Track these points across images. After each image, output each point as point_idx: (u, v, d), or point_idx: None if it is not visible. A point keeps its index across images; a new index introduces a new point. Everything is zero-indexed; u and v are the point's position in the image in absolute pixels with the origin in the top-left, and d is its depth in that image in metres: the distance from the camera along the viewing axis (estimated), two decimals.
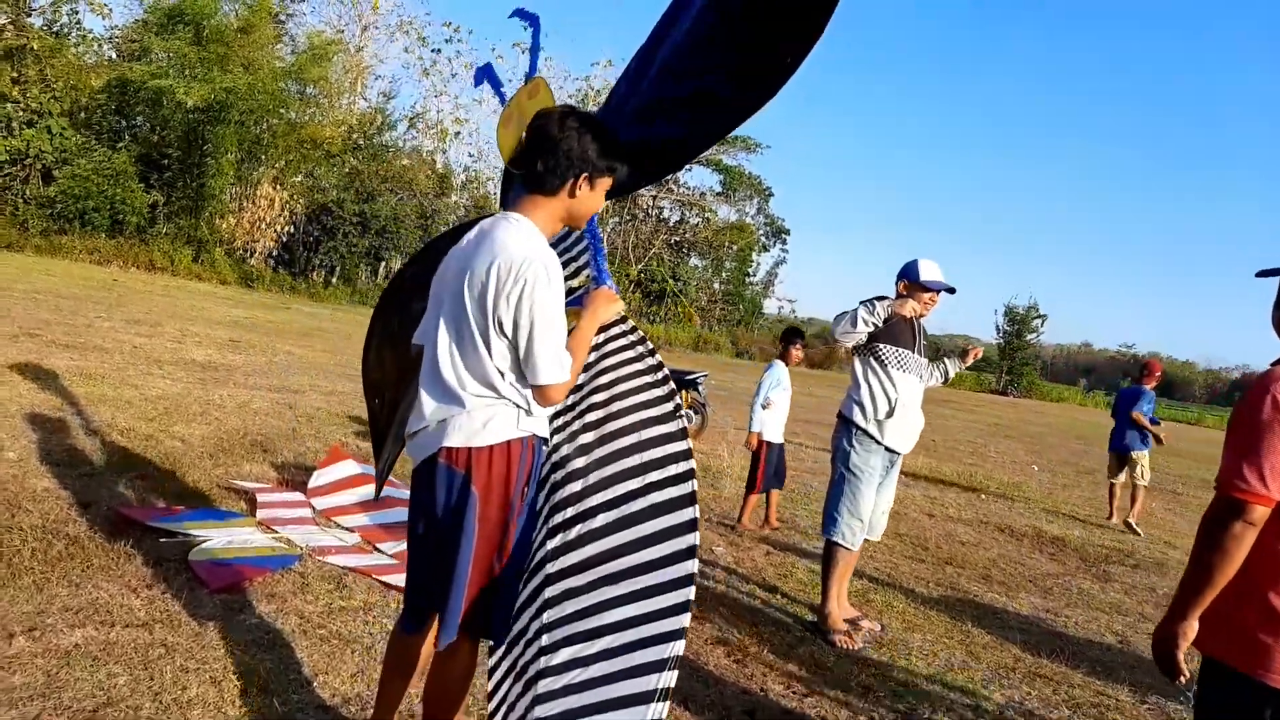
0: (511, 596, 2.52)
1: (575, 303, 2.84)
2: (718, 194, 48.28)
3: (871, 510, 4.60)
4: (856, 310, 4.51)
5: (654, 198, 47.20)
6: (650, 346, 2.76)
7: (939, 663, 4.30)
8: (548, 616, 2.51)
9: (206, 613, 3.47)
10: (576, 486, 2.59)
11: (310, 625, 3.52)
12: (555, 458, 2.66)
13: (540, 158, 2.40)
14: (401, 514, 4.95)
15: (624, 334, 2.78)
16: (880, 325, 4.50)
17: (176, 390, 8.51)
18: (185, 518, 4.47)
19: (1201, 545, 2.14)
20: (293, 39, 39.24)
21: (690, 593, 2.39)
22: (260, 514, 4.72)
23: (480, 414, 2.34)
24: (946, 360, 5.17)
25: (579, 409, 2.68)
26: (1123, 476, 9.88)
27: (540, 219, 2.43)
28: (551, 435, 2.68)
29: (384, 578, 4.11)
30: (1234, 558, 2.10)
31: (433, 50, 47.11)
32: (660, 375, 2.68)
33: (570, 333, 2.47)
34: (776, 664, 3.98)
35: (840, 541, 4.51)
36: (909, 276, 4.65)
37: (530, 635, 2.56)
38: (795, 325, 7.06)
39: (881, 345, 4.60)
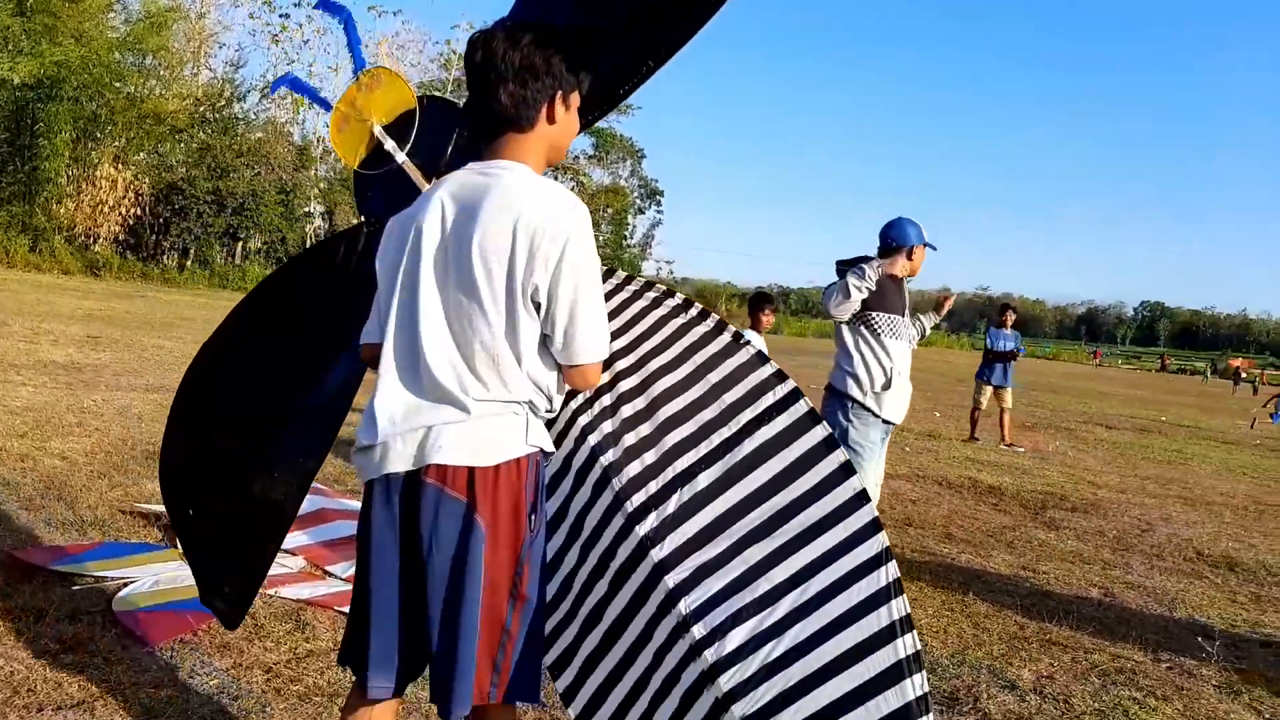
0: (537, 647, 2.00)
1: None
2: (590, 157, 47.64)
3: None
4: (846, 280, 4.19)
5: None
6: (655, 283, 2.35)
7: (952, 641, 4.05)
8: (686, 606, 2.03)
9: (153, 677, 2.86)
10: (650, 458, 2.14)
11: (281, 680, 2.95)
12: (593, 440, 2.19)
13: (502, 88, 1.87)
14: (346, 528, 4.40)
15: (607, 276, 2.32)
16: (873, 289, 4.20)
17: (43, 399, 7.56)
18: (94, 555, 3.79)
19: None
20: (126, 6, 36.26)
21: (872, 511, 2.01)
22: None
23: (483, 424, 1.82)
24: (921, 317, 4.93)
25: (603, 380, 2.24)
26: (987, 397, 11.89)
27: (531, 162, 1.93)
28: (575, 416, 2.23)
29: (347, 608, 3.56)
30: None
31: (281, 15, 44.59)
32: (694, 311, 2.27)
33: None
34: None
35: None
36: (903, 239, 4.36)
37: (662, 641, 2.06)
38: (762, 290, 6.74)
39: (873, 313, 4.31)
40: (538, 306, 1.82)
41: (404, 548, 1.86)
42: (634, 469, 2.14)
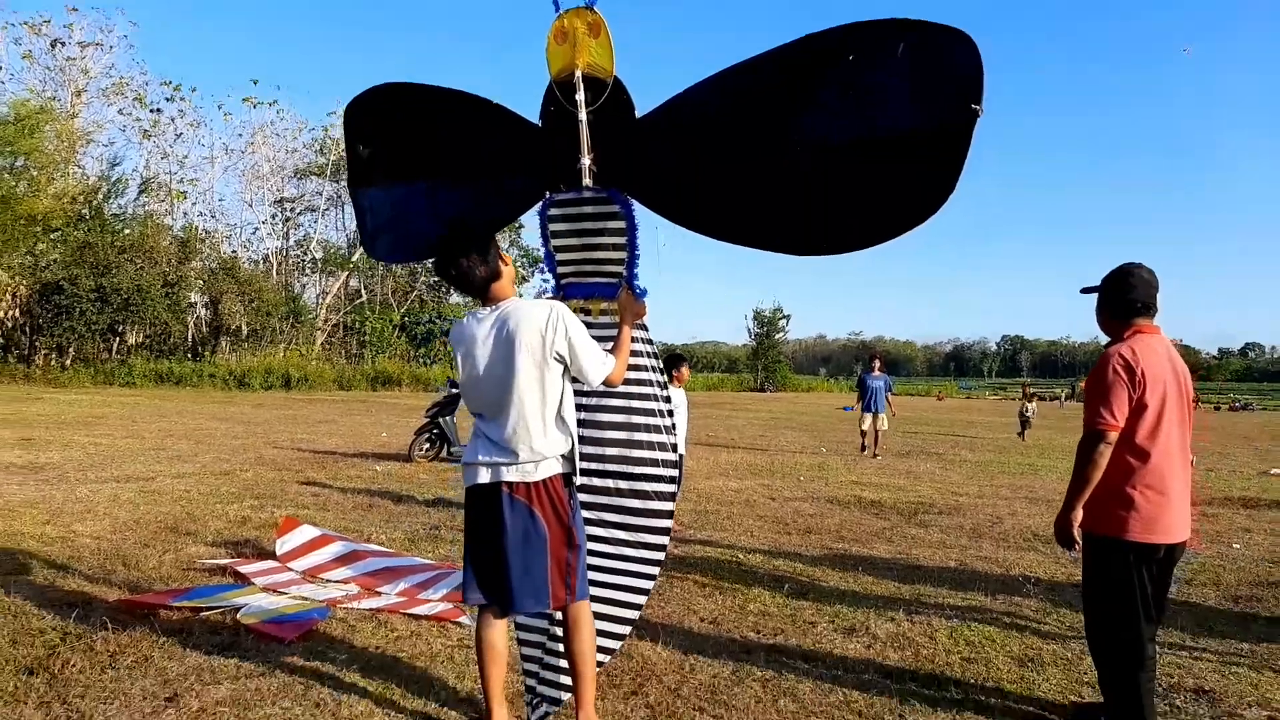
0: (584, 570, 3.33)
1: (607, 291, 3.65)
2: None
3: None
4: None
5: None
6: (662, 379, 3.65)
7: (847, 599, 5.47)
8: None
9: (317, 666, 4.00)
10: (602, 459, 3.65)
11: (386, 645, 4.16)
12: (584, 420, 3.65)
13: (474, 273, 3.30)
14: (376, 563, 5.57)
15: (643, 341, 3.63)
16: None
17: (35, 494, 8.36)
18: (200, 594, 4.86)
19: (1080, 460, 3.37)
20: None
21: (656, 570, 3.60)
22: (259, 582, 5.17)
23: (532, 465, 3.17)
24: None
25: (603, 397, 3.65)
26: (868, 424, 15.85)
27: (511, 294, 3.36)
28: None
29: (409, 610, 4.75)
30: (1100, 466, 3.34)
31: (152, 110, 44.79)
32: (665, 406, 3.62)
33: (618, 334, 3.47)
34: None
35: None
36: None
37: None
38: (676, 351, 7.97)
39: None
40: (560, 359, 3.17)
41: (489, 526, 3.21)
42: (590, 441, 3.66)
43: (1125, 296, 3.54)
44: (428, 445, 12.42)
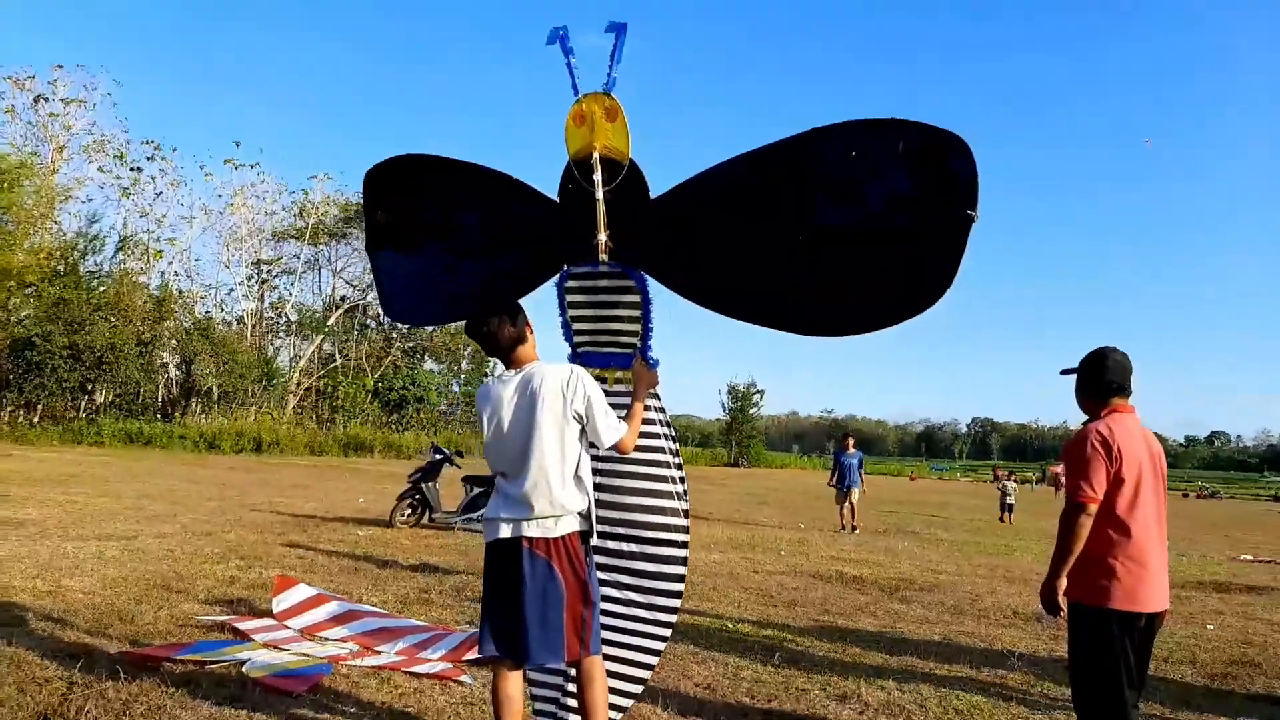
0: (598, 625, 3.49)
1: (622, 361, 3.86)
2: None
3: None
4: None
5: None
6: (675, 446, 3.85)
7: (838, 668, 5.58)
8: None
9: (295, 701, 4.08)
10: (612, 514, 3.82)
11: (412, 708, 4.22)
12: (601, 479, 3.79)
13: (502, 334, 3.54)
14: (373, 623, 5.63)
15: (657, 410, 3.82)
16: None
17: (19, 549, 8.30)
18: (203, 648, 4.90)
19: (1062, 531, 3.56)
20: None
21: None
22: (259, 638, 5.20)
23: (552, 520, 3.35)
24: None
25: (618, 462, 3.81)
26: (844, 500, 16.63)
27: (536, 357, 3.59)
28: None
29: (410, 669, 4.81)
30: (1081, 537, 3.53)
31: (133, 169, 44.96)
32: (678, 473, 3.79)
33: (631, 402, 3.65)
34: None
35: None
36: None
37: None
38: None
39: None
40: (579, 419, 3.37)
41: (508, 580, 3.36)
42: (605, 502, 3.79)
43: (1102, 378, 3.76)
44: (410, 511, 12.41)
